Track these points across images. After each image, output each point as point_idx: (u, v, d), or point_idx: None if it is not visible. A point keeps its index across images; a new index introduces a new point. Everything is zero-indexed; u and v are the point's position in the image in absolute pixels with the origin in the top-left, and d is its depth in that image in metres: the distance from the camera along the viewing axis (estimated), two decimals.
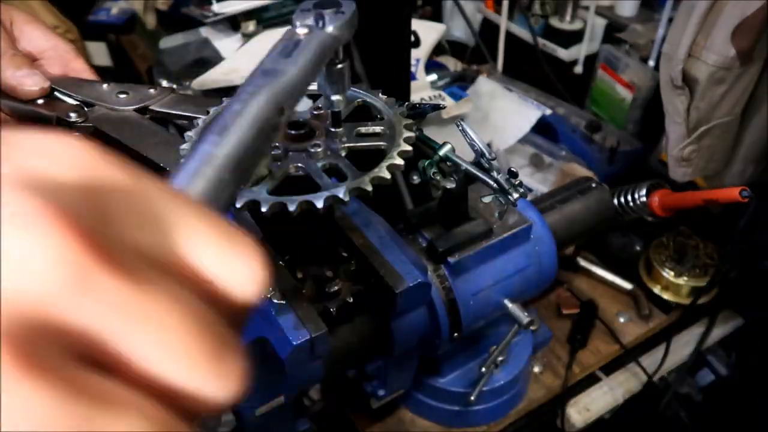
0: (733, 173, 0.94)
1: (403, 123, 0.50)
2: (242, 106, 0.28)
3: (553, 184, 1.10)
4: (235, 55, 1.26)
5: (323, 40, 0.36)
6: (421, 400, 0.83)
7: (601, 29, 1.29)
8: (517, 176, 0.61)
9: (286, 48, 0.34)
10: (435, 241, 0.68)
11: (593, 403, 0.90)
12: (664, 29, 1.09)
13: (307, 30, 0.36)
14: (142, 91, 0.60)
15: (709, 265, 0.96)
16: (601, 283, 1.01)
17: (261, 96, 0.29)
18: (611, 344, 0.94)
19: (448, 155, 0.63)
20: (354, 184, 0.45)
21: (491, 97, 1.23)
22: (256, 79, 0.31)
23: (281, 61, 0.33)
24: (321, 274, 0.60)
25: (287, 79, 0.31)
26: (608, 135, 1.18)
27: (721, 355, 1.04)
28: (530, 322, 0.70)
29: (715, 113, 0.85)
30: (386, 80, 0.74)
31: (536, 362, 0.91)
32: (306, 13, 0.38)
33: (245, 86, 0.30)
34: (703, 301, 0.95)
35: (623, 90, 1.22)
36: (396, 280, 0.58)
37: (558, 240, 0.77)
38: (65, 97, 0.59)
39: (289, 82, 0.31)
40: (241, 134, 0.27)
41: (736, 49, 0.78)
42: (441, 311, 0.68)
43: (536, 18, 1.31)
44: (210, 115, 0.52)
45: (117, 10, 1.58)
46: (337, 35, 0.38)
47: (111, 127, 0.57)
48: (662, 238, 1.00)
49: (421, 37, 1.27)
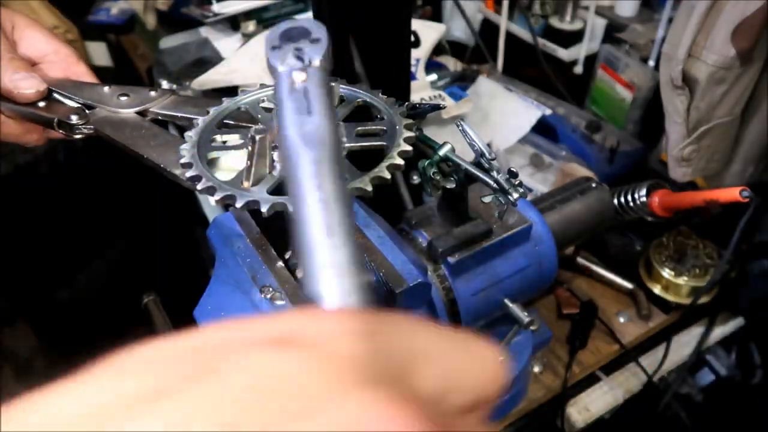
0: (733, 173, 0.94)
1: (403, 123, 0.50)
2: (322, 194, 0.25)
3: (553, 184, 1.10)
4: (235, 55, 1.26)
5: (323, 79, 0.33)
6: None
7: (601, 29, 1.29)
8: (517, 176, 0.61)
9: (299, 105, 0.30)
10: (435, 241, 0.68)
11: (593, 403, 0.90)
12: (664, 29, 1.09)
13: (303, 75, 0.32)
14: (142, 94, 0.60)
15: (709, 265, 0.96)
16: (601, 283, 1.01)
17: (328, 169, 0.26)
18: (611, 344, 0.94)
19: (448, 155, 0.63)
20: (354, 184, 0.45)
21: (491, 97, 1.23)
22: (308, 152, 0.27)
23: (308, 122, 0.29)
24: None
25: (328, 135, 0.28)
26: (608, 135, 1.19)
27: (721, 355, 1.04)
28: (530, 322, 0.70)
29: (715, 113, 0.85)
30: (386, 80, 0.74)
31: (536, 362, 0.91)
32: (281, 51, 0.34)
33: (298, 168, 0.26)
34: (703, 301, 0.95)
35: (623, 90, 1.22)
36: (396, 280, 0.58)
37: (558, 240, 0.77)
38: (66, 100, 0.59)
39: (330, 138, 0.28)
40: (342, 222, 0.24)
41: (736, 49, 0.78)
42: (441, 311, 0.68)
43: (536, 18, 1.31)
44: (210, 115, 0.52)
45: (117, 10, 1.58)
46: (327, 66, 0.34)
47: (112, 130, 0.57)
48: (662, 238, 1.00)
49: (421, 37, 1.27)
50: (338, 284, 0.23)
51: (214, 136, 0.51)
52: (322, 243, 0.23)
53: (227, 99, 0.55)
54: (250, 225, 0.64)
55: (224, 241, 0.63)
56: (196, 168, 0.46)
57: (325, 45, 0.34)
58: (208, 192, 0.45)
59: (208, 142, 0.50)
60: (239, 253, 0.61)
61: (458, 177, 0.65)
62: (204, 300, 0.63)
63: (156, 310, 0.74)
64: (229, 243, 0.62)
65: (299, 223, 0.24)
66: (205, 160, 0.48)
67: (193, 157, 0.47)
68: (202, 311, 0.62)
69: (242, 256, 0.60)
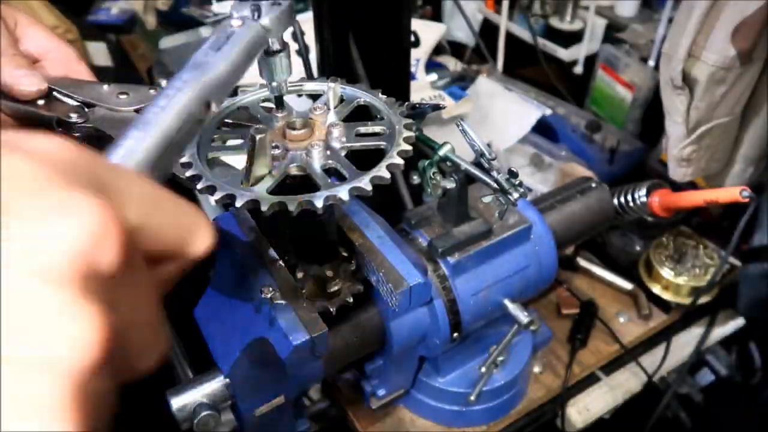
0: (733, 173, 0.94)
1: (403, 123, 0.50)
2: (167, 102, 0.31)
3: (553, 184, 1.10)
4: None
5: (254, 33, 0.38)
6: (421, 400, 0.83)
7: (601, 29, 1.29)
8: (517, 176, 0.61)
9: (217, 41, 0.36)
10: (435, 241, 0.68)
11: (593, 403, 0.90)
12: (664, 29, 1.09)
13: (240, 22, 0.38)
14: (142, 92, 0.60)
15: (709, 265, 0.96)
16: (601, 283, 1.01)
17: (187, 91, 0.32)
18: (611, 344, 0.94)
19: (448, 155, 0.63)
20: (354, 184, 0.45)
21: (491, 97, 1.23)
22: (185, 73, 0.33)
23: (211, 55, 0.34)
24: (321, 274, 0.60)
25: (215, 74, 0.33)
26: (608, 135, 1.19)
27: (721, 355, 1.04)
28: (530, 322, 0.70)
29: (715, 113, 0.85)
30: (386, 80, 0.74)
31: (536, 362, 0.91)
32: (243, 4, 0.39)
33: (174, 80, 0.32)
34: (703, 301, 0.95)
35: (623, 90, 1.22)
36: (396, 280, 0.58)
37: (558, 240, 0.77)
38: (66, 98, 0.59)
39: (217, 77, 0.33)
40: (163, 130, 0.30)
41: (736, 49, 0.78)
42: (441, 311, 0.68)
43: (536, 18, 1.31)
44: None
45: (117, 10, 1.58)
46: (271, 27, 0.39)
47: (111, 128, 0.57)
48: (662, 238, 1.00)
49: (421, 37, 1.27)
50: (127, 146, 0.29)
51: (214, 136, 0.51)
52: (131, 132, 0.30)
53: (227, 99, 0.55)
54: (250, 225, 0.64)
55: (224, 241, 0.63)
56: (195, 168, 0.46)
57: (281, 9, 0.39)
58: (207, 191, 0.45)
59: (208, 142, 0.50)
60: (239, 253, 0.61)
61: (458, 177, 0.65)
62: (204, 300, 0.63)
63: None
64: (228, 243, 0.62)
65: (143, 111, 0.31)
66: (204, 160, 0.48)
67: (192, 157, 0.47)
68: (202, 311, 0.62)
69: (242, 256, 0.60)
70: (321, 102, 0.53)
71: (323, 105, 0.52)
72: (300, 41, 0.87)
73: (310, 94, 0.57)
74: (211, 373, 0.62)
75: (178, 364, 0.67)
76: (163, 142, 0.30)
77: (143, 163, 0.29)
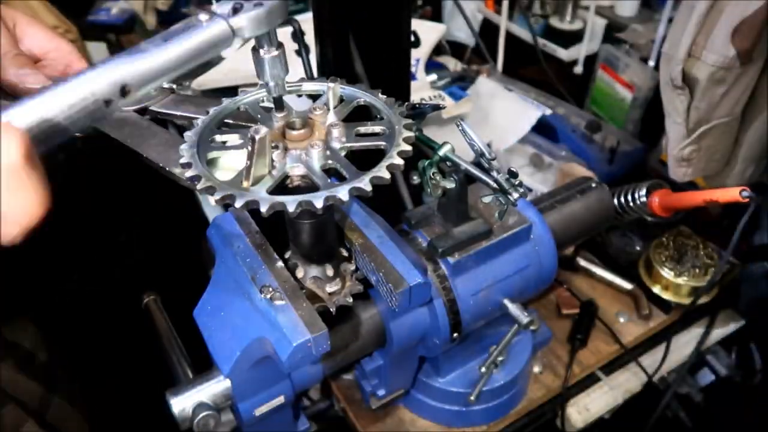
0: (733, 173, 0.94)
1: (402, 123, 0.50)
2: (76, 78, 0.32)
3: (553, 184, 1.10)
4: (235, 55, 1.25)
5: (216, 32, 0.38)
6: (421, 400, 0.83)
7: (601, 29, 1.29)
8: (517, 176, 0.61)
9: (173, 32, 0.37)
10: (435, 241, 0.68)
11: (593, 403, 0.90)
12: (664, 29, 1.09)
13: (208, 17, 0.37)
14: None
15: (709, 265, 0.96)
16: (601, 283, 1.01)
17: (102, 72, 0.33)
18: (611, 344, 0.94)
19: (448, 155, 0.63)
20: (354, 184, 0.44)
21: (491, 97, 1.23)
22: (118, 56, 0.34)
23: (154, 43, 0.35)
24: (321, 274, 0.60)
25: (145, 63, 0.34)
26: (608, 135, 1.19)
27: (722, 355, 1.04)
28: (530, 322, 0.70)
29: (715, 113, 0.85)
30: (386, 80, 0.74)
31: (536, 362, 0.91)
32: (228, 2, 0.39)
33: (106, 58, 0.34)
34: (703, 301, 0.95)
35: (623, 90, 1.22)
36: (396, 280, 0.58)
37: (558, 240, 0.77)
38: None
39: (146, 66, 0.34)
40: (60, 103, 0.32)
41: (736, 49, 0.78)
42: (441, 311, 0.68)
43: (536, 18, 1.31)
44: (210, 115, 0.52)
45: (117, 10, 1.58)
46: (242, 27, 0.39)
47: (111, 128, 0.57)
48: (662, 238, 1.00)
49: (421, 37, 1.27)
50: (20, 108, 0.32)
51: (213, 136, 0.51)
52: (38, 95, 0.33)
53: (227, 99, 0.55)
54: (249, 225, 0.63)
55: (224, 241, 0.63)
56: (195, 168, 0.46)
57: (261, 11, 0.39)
58: (207, 192, 0.45)
59: (208, 142, 0.50)
60: (239, 252, 0.61)
61: (458, 177, 0.65)
62: (204, 300, 0.63)
63: (156, 310, 0.74)
64: (228, 243, 0.62)
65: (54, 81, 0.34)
66: (204, 160, 0.48)
67: (192, 157, 0.47)
68: (202, 311, 0.62)
69: (242, 256, 0.60)
70: (321, 102, 0.53)
71: (323, 105, 0.52)
72: (300, 41, 0.87)
73: (310, 94, 0.57)
74: (211, 373, 0.62)
75: (178, 364, 0.67)
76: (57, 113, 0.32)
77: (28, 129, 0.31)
